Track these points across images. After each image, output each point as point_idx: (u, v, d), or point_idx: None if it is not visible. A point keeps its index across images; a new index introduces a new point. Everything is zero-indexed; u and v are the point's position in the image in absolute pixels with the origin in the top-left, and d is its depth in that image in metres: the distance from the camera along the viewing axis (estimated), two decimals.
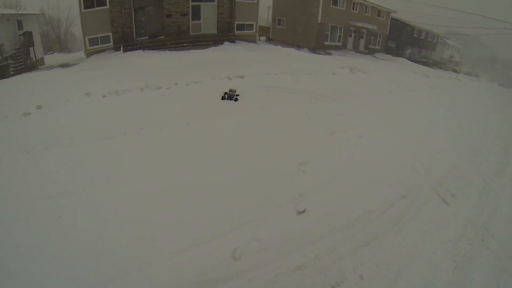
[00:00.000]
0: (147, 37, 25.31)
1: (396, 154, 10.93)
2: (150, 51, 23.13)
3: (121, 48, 23.70)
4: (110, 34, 24.95)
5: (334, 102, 14.12)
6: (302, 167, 9.31)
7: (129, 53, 22.96)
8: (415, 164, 10.47)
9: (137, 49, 23.66)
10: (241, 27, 28.36)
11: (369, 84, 18.10)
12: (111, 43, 25.25)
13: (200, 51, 21.66)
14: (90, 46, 25.29)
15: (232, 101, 13.17)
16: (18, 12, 27.69)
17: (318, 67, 18.98)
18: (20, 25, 27.08)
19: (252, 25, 28.82)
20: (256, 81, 15.20)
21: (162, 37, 25.34)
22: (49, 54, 43.14)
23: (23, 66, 25.12)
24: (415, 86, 21.24)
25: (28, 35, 26.73)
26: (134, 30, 25.00)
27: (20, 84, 15.75)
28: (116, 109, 11.95)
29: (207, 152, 9.62)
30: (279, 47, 25.22)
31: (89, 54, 25.24)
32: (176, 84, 14.06)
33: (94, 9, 24.23)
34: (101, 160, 9.01)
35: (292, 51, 24.25)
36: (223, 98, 13.23)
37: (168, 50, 23.20)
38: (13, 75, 23.91)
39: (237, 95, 13.50)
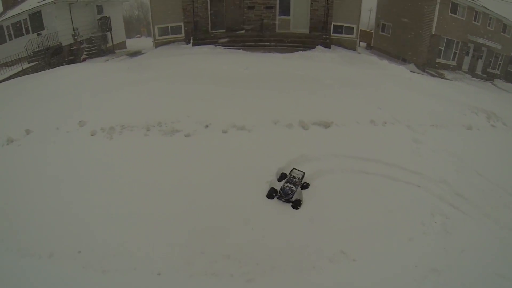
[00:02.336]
0: (224, 30, 20.08)
1: None
2: (221, 48, 17.80)
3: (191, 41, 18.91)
4: (182, 24, 20.24)
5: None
6: None
7: (197, 48, 17.94)
8: None
9: (208, 43, 18.55)
10: (338, 29, 21.68)
11: None
12: (182, 34, 20.59)
13: (282, 56, 15.60)
14: (159, 35, 20.99)
15: (287, 206, 6.34)
16: None
17: (441, 109, 11.38)
18: (100, 9, 24.92)
19: (352, 28, 21.95)
20: (349, 140, 8.28)
21: (243, 32, 19.92)
22: (136, 37, 41.93)
23: (96, 51, 22.90)
24: None
25: (105, 20, 24.08)
26: (209, 21, 19.89)
27: (40, 84, 11.45)
28: (80, 170, 7.16)
29: None
30: (385, 62, 17.97)
31: (157, 44, 21.11)
32: (206, 126, 8.29)
33: None
34: None
35: (402, 71, 16.49)
36: (271, 194, 6.42)
37: (243, 49, 17.60)
38: (84, 59, 21.96)
39: (304, 184, 6.72)
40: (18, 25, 20.48)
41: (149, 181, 6.59)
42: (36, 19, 20.11)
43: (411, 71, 17.68)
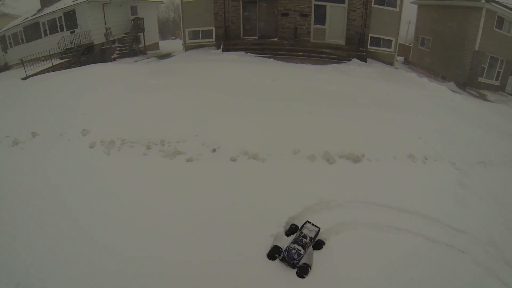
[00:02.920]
0: (256, 37, 19.16)
1: None
2: (251, 56, 16.82)
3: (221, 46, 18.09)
4: (213, 28, 19.47)
5: None
6: None
7: (226, 54, 17.08)
8: None
9: (239, 50, 17.64)
10: (376, 41, 20.23)
11: None
12: (213, 39, 19.82)
13: (314, 68, 14.43)
14: (189, 39, 20.30)
15: (291, 273, 4.93)
16: None
17: (489, 140, 9.53)
18: (134, 10, 24.81)
19: (391, 41, 20.40)
20: (382, 180, 6.73)
21: (275, 39, 18.92)
22: (171, 39, 41.84)
23: (127, 51, 22.61)
24: None
25: (138, 21, 23.82)
26: (241, 27, 19.02)
27: (61, 83, 10.89)
28: (72, 186, 6.36)
29: None
30: (425, 80, 16.28)
31: (187, 48, 20.49)
32: (214, 150, 7.07)
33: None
34: None
35: (444, 91, 14.57)
36: (273, 255, 5.03)
37: (274, 58, 16.54)
38: (114, 59, 21.70)
39: (318, 242, 5.25)
40: (53, 22, 20.52)
41: (130, 216, 5.54)
42: (70, 17, 20.08)
43: (452, 91, 16.04)
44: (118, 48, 22.41)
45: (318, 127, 8.05)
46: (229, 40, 18.41)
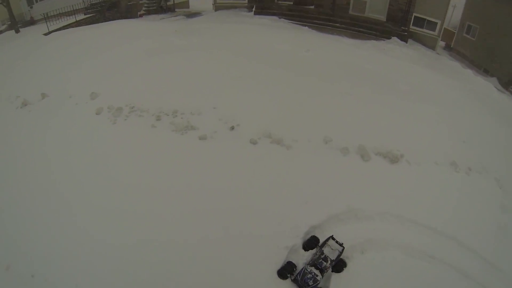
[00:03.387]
0: (291, 2, 17.68)
1: None
2: (285, 22, 15.55)
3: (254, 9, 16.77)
4: None
5: None
6: None
7: (258, 17, 15.82)
8: None
9: (272, 14, 16.30)
10: (419, 22, 18.43)
11: None
12: (246, 0, 18.46)
13: (352, 43, 13.14)
14: None
15: None
16: None
17: None
18: None
19: (436, 24, 18.57)
20: (420, 190, 5.72)
21: (312, 7, 17.44)
22: None
23: (155, 8, 21.60)
24: None
25: None
26: None
27: (81, 39, 10.12)
28: (71, 159, 5.69)
29: None
30: (469, 72, 14.68)
31: (217, 8, 19.20)
32: (232, 128, 6.06)
33: None
34: None
35: (489, 88, 12.93)
36: (284, 274, 4.23)
37: (309, 27, 15.24)
38: (141, 15, 20.69)
39: (340, 263, 4.39)
40: None
41: (125, 203, 4.87)
42: None
43: (497, 90, 14.56)
44: (145, 5, 21.29)
45: (353, 114, 6.99)
46: (262, 3, 17.04)
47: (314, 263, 4.22)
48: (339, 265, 4.37)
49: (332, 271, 4.31)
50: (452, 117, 8.45)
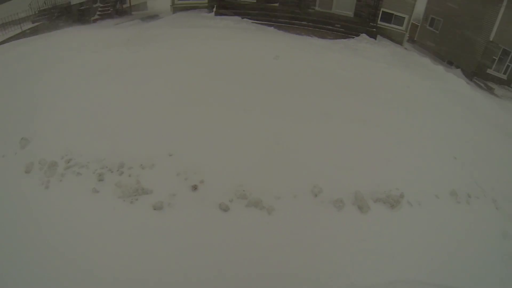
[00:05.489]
0: (254, 0, 16.06)
1: None
2: (249, 22, 13.90)
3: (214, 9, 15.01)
4: None
5: None
6: None
7: (219, 18, 14.04)
8: None
9: (234, 14, 14.60)
10: (387, 17, 17.30)
11: None
12: (206, 0, 16.63)
13: (322, 44, 11.69)
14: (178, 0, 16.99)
15: None
16: None
17: None
18: None
19: (403, 19, 17.63)
20: (426, 238, 4.43)
21: (276, 5, 15.91)
22: None
23: (110, 11, 19.34)
24: None
25: None
26: None
27: (15, 60, 8.07)
28: None
29: None
30: (440, 68, 13.21)
31: (175, 9, 17.10)
32: (195, 188, 4.39)
33: None
34: None
35: (462, 85, 11.54)
36: None
37: (275, 27, 13.71)
38: (95, 20, 18.48)
39: None
40: None
41: None
42: None
43: (468, 84, 13.68)
44: (100, 8, 18.89)
45: (342, 146, 5.53)
46: (223, 2, 15.28)
47: None
48: None
49: None
50: (438, 128, 7.31)
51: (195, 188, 4.49)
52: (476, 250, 4.73)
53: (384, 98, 7.60)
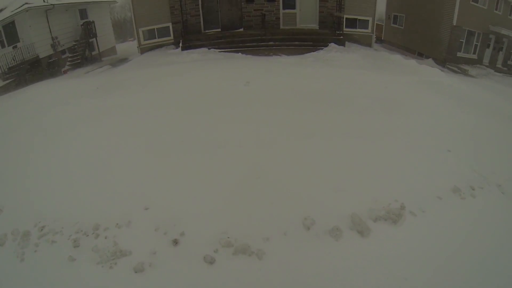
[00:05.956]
0: (219, 29, 16.02)
1: None
2: (216, 52, 13.70)
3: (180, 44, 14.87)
4: (170, 25, 16.19)
5: None
6: None
7: (187, 53, 13.85)
8: None
9: (201, 46, 14.43)
10: (351, 23, 17.45)
11: None
12: (171, 37, 16.54)
13: (291, 61, 11.50)
14: (145, 40, 16.86)
15: None
16: (81, 1, 20.38)
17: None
18: (83, 14, 20.89)
19: (367, 21, 17.74)
20: (438, 257, 3.83)
21: (241, 30, 15.89)
22: (129, 41, 36.38)
23: (79, 61, 18.92)
24: None
25: (87, 26, 20.03)
26: (201, 20, 15.80)
27: None
28: None
29: None
30: (413, 62, 12.86)
31: (143, 50, 16.97)
32: (176, 242, 3.93)
33: None
34: None
35: (437, 74, 11.31)
36: None
37: (243, 52, 13.55)
38: (65, 71, 18.00)
39: None
40: None
41: None
42: (10, 31, 16.19)
43: (442, 71, 13.62)
44: (69, 59, 18.74)
45: (327, 164, 5.11)
46: (189, 37, 15.18)
47: None
48: None
49: None
50: (425, 123, 6.98)
51: (176, 242, 4.03)
52: (489, 246, 4.28)
53: (363, 104, 7.28)
